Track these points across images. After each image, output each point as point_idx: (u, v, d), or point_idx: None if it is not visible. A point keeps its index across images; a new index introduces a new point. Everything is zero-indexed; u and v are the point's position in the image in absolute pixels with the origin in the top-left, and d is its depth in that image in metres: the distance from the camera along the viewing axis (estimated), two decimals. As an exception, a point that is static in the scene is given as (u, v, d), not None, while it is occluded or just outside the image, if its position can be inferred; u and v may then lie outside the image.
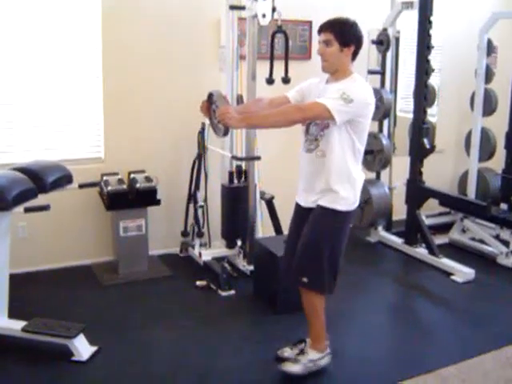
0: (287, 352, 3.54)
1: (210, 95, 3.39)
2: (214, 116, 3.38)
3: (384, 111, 5.61)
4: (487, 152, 6.01)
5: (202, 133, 4.98)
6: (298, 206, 3.48)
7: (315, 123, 3.28)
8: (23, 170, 3.62)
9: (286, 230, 4.73)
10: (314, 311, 3.38)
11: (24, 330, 3.56)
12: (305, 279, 3.25)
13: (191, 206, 5.11)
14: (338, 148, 3.20)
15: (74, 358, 3.49)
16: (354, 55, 3.27)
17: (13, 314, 3.69)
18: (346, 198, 3.24)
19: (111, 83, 4.86)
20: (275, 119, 3.17)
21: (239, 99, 4.77)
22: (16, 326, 3.59)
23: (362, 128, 3.21)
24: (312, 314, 3.40)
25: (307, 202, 3.36)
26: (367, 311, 4.34)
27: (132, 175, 4.87)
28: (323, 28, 3.25)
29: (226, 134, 3.54)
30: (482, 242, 5.57)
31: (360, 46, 3.27)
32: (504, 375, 3.46)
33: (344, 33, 3.19)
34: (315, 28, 5.46)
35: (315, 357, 3.46)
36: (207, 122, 4.91)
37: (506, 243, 5.32)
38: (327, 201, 3.25)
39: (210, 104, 3.40)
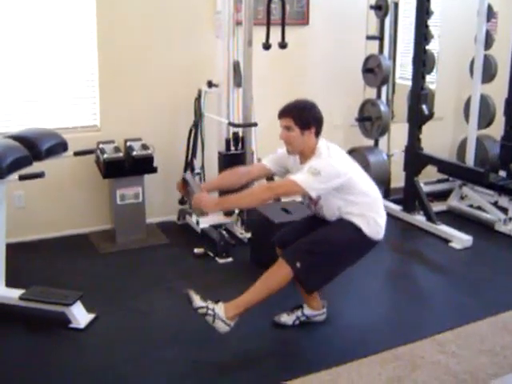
0: (284, 317, 3.59)
1: (185, 181, 3.47)
2: (190, 197, 3.44)
3: (382, 78, 5.57)
4: (486, 119, 5.97)
5: (198, 100, 4.95)
6: None
7: (307, 204, 3.47)
8: (17, 137, 3.60)
9: (283, 198, 4.75)
10: (270, 285, 3.23)
11: (21, 298, 3.57)
12: (298, 264, 3.19)
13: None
14: (342, 204, 3.31)
15: (71, 325, 3.50)
16: (318, 133, 3.33)
17: (10, 282, 3.70)
18: (371, 226, 3.33)
19: (106, 51, 4.81)
20: (247, 201, 3.35)
21: (236, 66, 4.72)
22: (13, 294, 3.60)
23: (351, 186, 3.28)
24: (265, 285, 3.24)
25: None
26: (364, 278, 4.34)
27: (128, 143, 4.83)
28: (282, 114, 3.32)
29: (203, 214, 3.73)
30: (480, 209, 5.57)
31: (320, 125, 3.33)
32: (500, 341, 3.47)
33: (302, 117, 3.27)
34: (313, -8, 5.46)
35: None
36: (204, 88, 4.90)
37: (504, 210, 5.32)
38: (354, 218, 3.31)
39: (185, 186, 3.46)
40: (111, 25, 4.79)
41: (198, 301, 3.19)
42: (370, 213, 3.32)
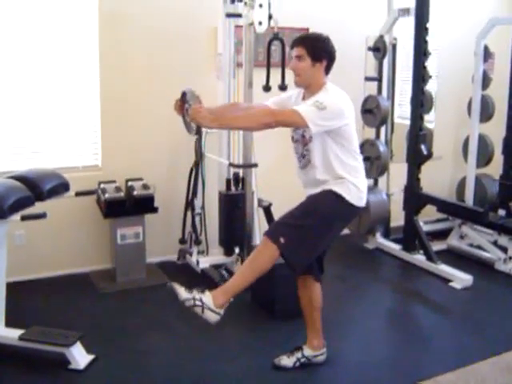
0: (284, 360, 3.55)
1: (184, 94, 3.39)
2: (186, 114, 3.37)
3: (381, 118, 5.61)
4: (485, 158, 6.01)
5: (199, 140, 4.99)
6: None
7: (296, 140, 3.35)
8: (20, 178, 3.62)
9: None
10: (257, 266, 3.15)
11: (21, 338, 3.55)
12: (282, 240, 3.08)
13: (189, 213, 5.10)
14: (331, 157, 3.22)
15: (71, 367, 3.48)
16: (328, 69, 3.31)
17: (10, 322, 3.68)
18: (352, 192, 3.24)
19: (108, 91, 4.87)
20: (247, 121, 3.25)
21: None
22: (13, 334, 3.58)
23: (347, 135, 3.24)
24: (252, 267, 3.16)
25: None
26: (365, 317, 4.33)
27: (129, 183, 4.86)
28: (295, 43, 3.30)
29: (198, 132, 3.65)
30: (480, 248, 5.57)
31: (332, 60, 3.31)
32: (502, 381, 3.45)
33: (316, 48, 3.25)
34: (312, 35, 5.52)
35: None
36: (204, 129, 4.94)
37: (503, 249, 5.31)
38: (334, 187, 3.23)
39: (184, 103, 3.40)
40: (113, 66, 4.86)
41: (183, 293, 3.09)
42: (351, 176, 3.24)
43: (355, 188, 3.25)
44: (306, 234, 3.17)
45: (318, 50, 3.25)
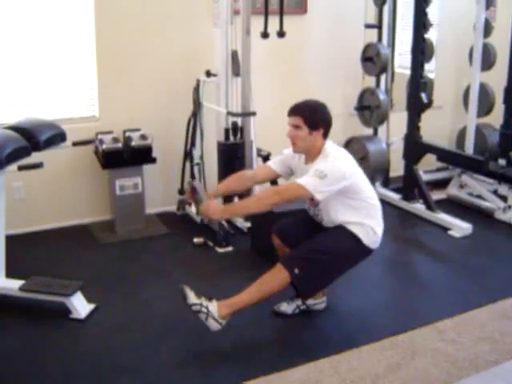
0: (284, 306, 3.60)
1: (193, 188, 3.50)
2: (198, 204, 3.48)
3: (381, 66, 5.55)
4: (485, 107, 5.96)
5: (196, 89, 4.94)
6: None
7: (305, 202, 3.47)
8: (16, 128, 3.60)
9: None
10: (266, 289, 3.23)
11: (22, 288, 3.57)
12: (296, 271, 3.19)
13: (187, 163, 5.09)
14: (346, 209, 3.32)
15: (72, 316, 3.51)
16: (325, 135, 3.31)
17: (10, 273, 3.70)
18: (370, 236, 3.36)
19: (104, 41, 4.79)
20: (255, 206, 3.29)
21: (234, 55, 4.70)
22: (14, 285, 3.60)
23: (357, 189, 3.29)
24: (261, 288, 3.23)
25: None
26: (364, 266, 4.31)
27: (127, 133, 4.83)
28: (292, 112, 3.31)
29: (211, 221, 3.88)
30: (479, 197, 5.57)
31: (329, 127, 3.33)
32: (499, 328, 3.47)
33: (313, 117, 3.26)
34: (311, -18, 5.44)
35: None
36: (202, 78, 4.89)
37: (503, 198, 5.31)
38: (353, 228, 3.32)
39: (194, 193, 3.48)
40: (109, 15, 4.77)
41: (192, 298, 3.19)
42: (369, 221, 3.34)
43: (373, 232, 3.36)
44: (320, 269, 3.27)
45: (315, 119, 3.26)
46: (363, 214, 3.33)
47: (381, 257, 4.60)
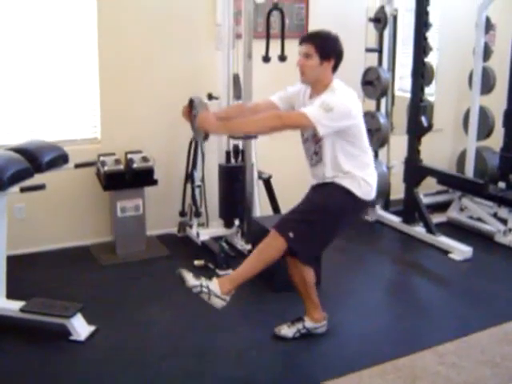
0: (284, 330, 3.57)
1: (191, 101, 3.41)
2: (194, 121, 3.39)
3: (381, 90, 5.58)
4: (485, 130, 5.99)
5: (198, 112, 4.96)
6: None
7: (307, 139, 3.36)
8: (18, 150, 3.61)
9: (283, 210, 4.75)
10: (264, 258, 3.22)
11: (22, 310, 3.56)
12: (291, 234, 3.13)
13: (189, 185, 5.10)
14: (341, 154, 3.23)
15: (72, 338, 3.50)
16: (335, 68, 3.27)
17: (11, 294, 3.69)
18: (362, 186, 3.27)
19: (107, 63, 4.83)
20: (254, 126, 3.23)
21: (235, 78, 4.74)
22: (14, 306, 3.59)
23: (356, 133, 3.24)
24: (259, 258, 3.23)
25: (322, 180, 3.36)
26: (365, 289, 4.35)
27: (129, 155, 4.85)
28: (304, 40, 3.27)
29: (206, 138, 3.69)
30: (479, 220, 5.58)
31: (340, 59, 3.28)
32: (501, 352, 3.47)
33: (325, 46, 3.22)
34: (312, 6, 5.51)
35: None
36: (204, 101, 4.91)
37: (503, 221, 5.32)
38: (343, 181, 3.25)
39: (191, 109, 3.42)
40: (112, 38, 4.81)
41: (191, 280, 3.14)
42: (361, 172, 3.26)
43: (364, 183, 3.27)
44: (315, 229, 3.21)
45: (327, 48, 3.22)
46: (357, 162, 3.25)
47: (381, 280, 4.62)
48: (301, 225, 3.18)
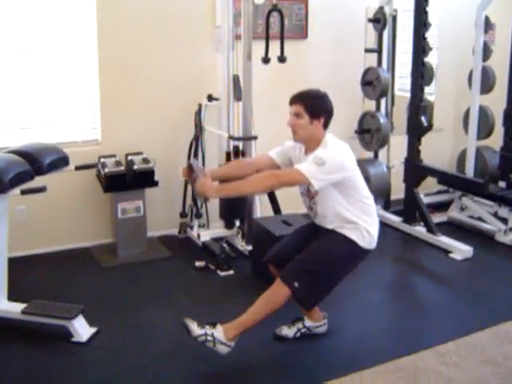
0: (285, 330, 3.60)
1: (190, 165, 3.48)
2: (194, 182, 3.45)
3: (381, 90, 5.59)
4: (485, 130, 5.98)
5: (198, 113, 4.98)
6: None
7: (302, 193, 3.42)
8: (19, 152, 3.62)
9: (284, 211, 4.76)
10: (269, 306, 3.24)
11: (24, 312, 3.57)
12: (296, 284, 3.19)
13: (189, 186, 5.10)
14: (340, 208, 3.27)
15: (73, 339, 3.51)
16: (326, 125, 3.31)
17: (12, 296, 3.70)
18: (365, 238, 3.31)
19: (107, 66, 4.84)
20: (251, 187, 3.30)
21: (235, 79, 4.74)
22: (16, 308, 3.60)
23: (352, 185, 3.28)
24: (264, 306, 3.24)
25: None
26: (366, 289, 4.35)
27: (129, 157, 4.85)
28: (294, 100, 3.31)
29: (206, 200, 3.73)
30: (480, 219, 5.58)
31: (330, 116, 3.32)
32: (502, 351, 3.47)
33: (314, 105, 3.26)
34: (311, 7, 5.51)
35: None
36: (204, 102, 4.93)
37: (504, 220, 5.32)
38: (347, 232, 3.29)
39: (191, 171, 3.46)
40: (112, 40, 4.82)
41: (195, 329, 3.20)
42: (363, 221, 3.29)
43: (367, 233, 3.31)
44: (320, 278, 3.27)
45: (316, 107, 3.26)
46: (358, 212, 3.29)
47: (382, 279, 4.62)
48: (305, 275, 3.23)
